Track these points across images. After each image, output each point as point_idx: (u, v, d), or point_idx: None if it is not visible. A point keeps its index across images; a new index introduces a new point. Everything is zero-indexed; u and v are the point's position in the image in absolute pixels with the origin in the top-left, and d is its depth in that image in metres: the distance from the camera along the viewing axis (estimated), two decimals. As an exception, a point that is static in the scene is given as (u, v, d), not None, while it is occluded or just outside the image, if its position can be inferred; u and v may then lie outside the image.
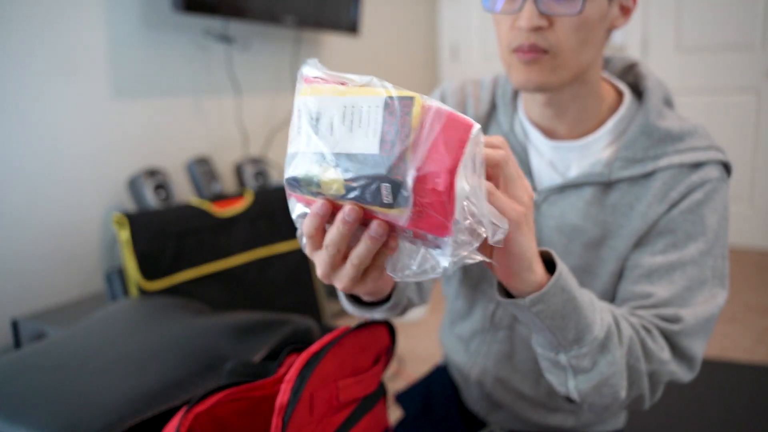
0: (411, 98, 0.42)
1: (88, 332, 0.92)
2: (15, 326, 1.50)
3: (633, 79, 0.83)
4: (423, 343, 2.34)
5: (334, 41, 2.76)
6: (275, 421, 0.58)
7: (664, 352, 0.67)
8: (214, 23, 2.09)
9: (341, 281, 0.48)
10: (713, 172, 0.73)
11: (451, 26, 3.75)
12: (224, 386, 0.63)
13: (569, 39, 0.69)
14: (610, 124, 0.78)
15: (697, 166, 0.74)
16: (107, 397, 0.72)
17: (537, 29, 0.69)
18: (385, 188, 0.41)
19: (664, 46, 3.28)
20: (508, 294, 0.59)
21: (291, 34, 2.45)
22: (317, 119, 0.43)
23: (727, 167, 0.76)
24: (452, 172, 0.41)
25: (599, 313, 0.62)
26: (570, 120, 0.78)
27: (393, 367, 2.13)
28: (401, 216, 0.42)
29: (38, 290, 1.63)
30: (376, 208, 0.43)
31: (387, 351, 0.74)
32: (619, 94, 0.81)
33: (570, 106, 0.77)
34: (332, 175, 0.43)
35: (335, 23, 2.46)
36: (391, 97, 0.42)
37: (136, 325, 0.96)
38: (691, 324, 0.69)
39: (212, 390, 0.62)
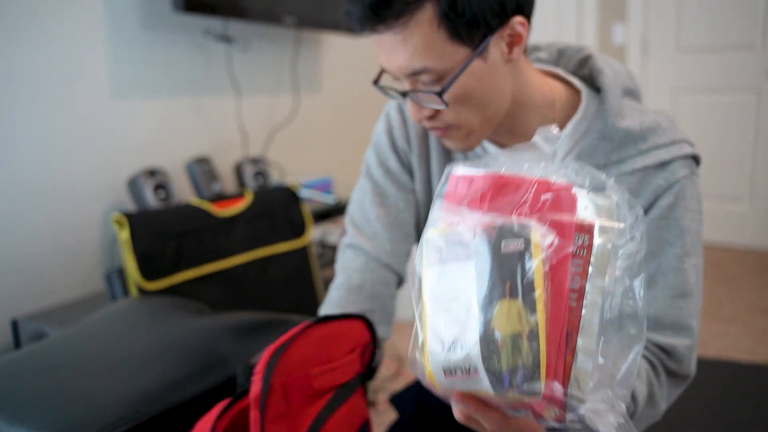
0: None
1: (87, 332, 0.92)
2: (15, 326, 1.50)
3: (588, 72, 0.78)
4: (423, 343, 2.33)
5: (334, 41, 2.76)
6: (253, 414, 0.59)
7: (663, 389, 0.70)
8: (214, 23, 2.09)
9: None
10: (680, 170, 0.71)
11: (451, 26, 3.74)
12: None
13: (463, 112, 0.66)
14: (569, 127, 0.74)
15: (662, 165, 0.71)
16: (107, 397, 0.72)
17: (429, 117, 0.67)
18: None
19: (664, 46, 3.28)
20: None
21: (291, 34, 2.45)
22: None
23: (695, 158, 0.73)
24: None
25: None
26: (523, 133, 0.75)
27: (392, 367, 2.13)
28: None
29: (38, 290, 1.63)
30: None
31: (367, 344, 0.75)
32: (576, 92, 0.77)
33: (516, 125, 0.74)
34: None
35: (335, 23, 2.46)
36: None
37: (135, 325, 0.96)
38: (686, 356, 0.71)
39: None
